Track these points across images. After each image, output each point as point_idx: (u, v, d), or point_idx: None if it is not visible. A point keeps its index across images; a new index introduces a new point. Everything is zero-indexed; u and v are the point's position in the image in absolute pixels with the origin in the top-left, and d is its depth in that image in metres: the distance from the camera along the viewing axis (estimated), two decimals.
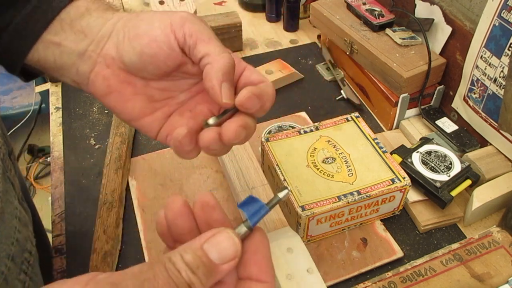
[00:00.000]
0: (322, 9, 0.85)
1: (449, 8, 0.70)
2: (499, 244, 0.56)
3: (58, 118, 0.79)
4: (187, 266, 0.24)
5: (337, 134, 0.64)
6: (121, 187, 0.64)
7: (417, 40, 0.74)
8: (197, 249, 0.25)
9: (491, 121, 0.64)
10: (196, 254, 0.25)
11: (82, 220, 0.62)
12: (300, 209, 0.54)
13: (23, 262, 0.45)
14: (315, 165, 0.60)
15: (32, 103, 1.86)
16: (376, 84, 0.76)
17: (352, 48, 0.79)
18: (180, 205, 0.28)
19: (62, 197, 0.65)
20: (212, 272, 0.25)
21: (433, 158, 0.63)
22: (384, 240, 0.59)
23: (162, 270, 0.24)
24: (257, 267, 0.27)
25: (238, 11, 1.04)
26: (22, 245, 0.45)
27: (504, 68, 0.59)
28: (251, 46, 0.96)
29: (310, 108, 0.81)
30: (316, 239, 0.59)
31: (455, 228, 0.62)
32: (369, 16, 0.79)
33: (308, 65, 0.91)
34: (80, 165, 0.70)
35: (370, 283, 0.52)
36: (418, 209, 0.62)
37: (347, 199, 0.55)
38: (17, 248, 0.44)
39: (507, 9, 0.57)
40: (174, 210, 0.28)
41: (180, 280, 0.24)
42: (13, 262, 0.43)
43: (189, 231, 0.29)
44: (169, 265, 0.24)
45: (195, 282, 0.24)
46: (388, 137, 0.73)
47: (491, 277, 0.53)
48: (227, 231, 0.26)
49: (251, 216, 0.27)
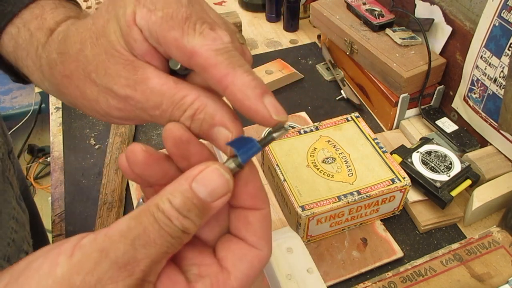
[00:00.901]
0: (322, 9, 0.85)
1: (449, 8, 0.70)
2: (499, 244, 0.56)
3: (58, 118, 0.79)
4: (178, 211, 0.22)
5: (337, 134, 0.64)
6: (121, 187, 0.64)
7: (417, 40, 0.74)
8: (186, 191, 0.23)
9: (491, 121, 0.64)
10: (186, 196, 0.23)
11: (82, 220, 0.62)
12: (300, 209, 0.54)
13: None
14: (315, 165, 0.60)
15: (32, 103, 1.86)
16: (376, 84, 0.76)
17: (352, 48, 0.79)
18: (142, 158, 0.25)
19: (62, 197, 0.65)
20: (204, 212, 0.23)
21: (433, 158, 0.63)
22: (384, 240, 0.59)
23: (152, 222, 0.22)
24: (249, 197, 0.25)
25: (238, 11, 1.04)
26: (19, 246, 0.45)
27: (504, 68, 0.59)
28: (251, 46, 0.96)
29: (310, 108, 0.80)
30: (316, 239, 0.58)
31: (455, 228, 0.62)
32: (369, 16, 0.79)
33: (308, 65, 0.91)
34: (80, 165, 0.70)
35: (370, 283, 0.52)
36: (418, 209, 0.62)
37: (347, 199, 0.55)
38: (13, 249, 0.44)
39: (507, 9, 0.57)
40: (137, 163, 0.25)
41: (172, 228, 0.22)
42: (9, 263, 0.43)
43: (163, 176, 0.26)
44: (158, 214, 0.22)
45: (189, 227, 0.23)
46: (388, 137, 0.73)
47: (491, 277, 0.53)
48: (215, 166, 0.24)
49: (242, 153, 0.25)
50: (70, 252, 0.21)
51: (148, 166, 0.25)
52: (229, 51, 0.25)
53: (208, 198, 0.23)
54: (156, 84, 0.26)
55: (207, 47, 0.25)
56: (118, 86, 0.27)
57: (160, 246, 0.22)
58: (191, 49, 0.25)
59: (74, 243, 0.22)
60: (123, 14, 0.26)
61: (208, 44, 0.25)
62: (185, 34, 0.25)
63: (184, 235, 0.23)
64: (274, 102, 0.25)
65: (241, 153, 0.25)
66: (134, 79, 0.26)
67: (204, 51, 0.25)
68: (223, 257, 0.25)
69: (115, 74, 0.27)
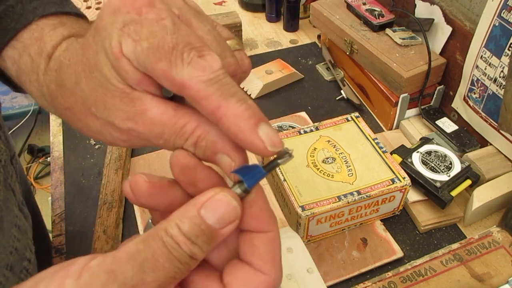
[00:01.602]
0: (322, 9, 0.85)
1: (449, 8, 0.70)
2: (499, 244, 0.56)
3: (58, 118, 0.79)
4: (186, 237, 0.22)
5: (337, 134, 0.64)
6: (121, 187, 0.64)
7: (417, 40, 0.74)
8: (194, 217, 0.23)
9: (491, 121, 0.64)
10: (194, 223, 0.23)
11: (82, 220, 0.62)
12: (300, 209, 0.54)
13: (22, 271, 0.45)
14: (315, 165, 0.60)
15: (32, 103, 1.86)
16: (376, 84, 0.76)
17: (352, 48, 0.79)
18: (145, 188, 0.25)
19: (62, 197, 0.65)
20: (212, 238, 0.23)
21: (433, 158, 0.63)
22: (384, 240, 0.59)
23: (160, 246, 0.22)
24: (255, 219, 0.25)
25: (238, 11, 1.04)
26: (21, 254, 0.45)
27: (504, 68, 0.59)
28: (251, 46, 0.96)
29: (310, 108, 0.81)
30: (316, 239, 0.59)
31: (455, 228, 0.62)
32: (369, 16, 0.79)
33: (308, 65, 0.91)
34: (80, 165, 0.70)
35: (370, 283, 0.52)
36: (418, 209, 0.62)
37: (347, 199, 0.55)
38: (16, 257, 0.43)
39: (507, 9, 0.57)
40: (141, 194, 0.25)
41: (181, 253, 0.22)
42: (12, 272, 0.42)
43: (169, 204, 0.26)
44: (167, 239, 0.22)
45: (196, 253, 0.23)
46: (388, 137, 0.73)
47: (491, 277, 0.53)
48: (224, 193, 0.24)
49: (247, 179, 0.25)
50: (77, 275, 0.21)
51: (153, 196, 0.25)
52: (219, 80, 0.24)
53: (216, 225, 0.23)
54: (155, 114, 0.26)
55: (196, 79, 0.24)
56: (118, 120, 0.26)
57: (168, 271, 0.22)
58: (180, 82, 0.24)
59: (82, 265, 0.22)
60: (109, 46, 0.25)
61: (198, 76, 0.24)
62: (173, 65, 0.24)
63: (192, 260, 0.23)
64: (269, 132, 0.24)
65: (247, 179, 0.25)
66: (133, 111, 0.26)
67: (193, 84, 0.24)
68: (228, 283, 0.25)
69: (114, 108, 0.26)
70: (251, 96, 0.83)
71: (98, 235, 0.57)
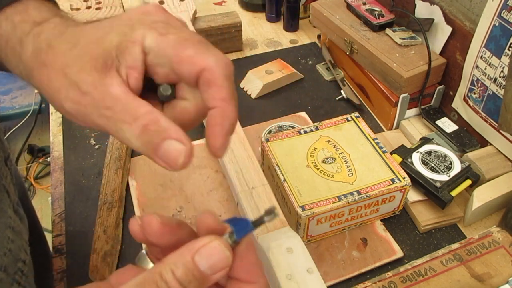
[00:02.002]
0: (322, 9, 0.85)
1: (449, 8, 0.70)
2: (499, 244, 0.56)
3: (58, 118, 0.79)
4: (179, 282, 0.24)
5: (337, 134, 0.64)
6: (121, 187, 0.64)
7: (417, 40, 0.74)
8: (188, 263, 0.25)
9: (491, 121, 0.64)
10: (188, 268, 0.25)
11: (82, 220, 0.62)
12: (300, 209, 0.54)
13: (16, 273, 0.45)
14: (315, 165, 0.60)
15: (32, 103, 1.86)
16: (376, 84, 0.76)
17: (352, 48, 0.79)
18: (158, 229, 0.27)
19: (62, 197, 0.65)
20: (203, 283, 0.25)
21: (433, 158, 0.63)
22: (384, 240, 0.59)
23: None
24: (244, 271, 0.27)
25: (238, 11, 1.04)
26: (15, 255, 0.45)
27: (504, 68, 0.59)
28: (251, 46, 0.96)
29: (310, 108, 0.81)
30: (316, 239, 0.59)
31: (455, 228, 0.62)
32: (369, 16, 0.79)
33: (308, 65, 0.91)
34: (80, 165, 0.70)
35: (370, 283, 0.52)
36: (418, 209, 0.62)
37: (347, 199, 0.55)
38: (10, 258, 0.44)
39: (507, 9, 0.57)
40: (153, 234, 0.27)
41: None
42: (6, 273, 0.43)
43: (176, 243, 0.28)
44: (162, 284, 0.24)
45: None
46: (388, 137, 0.73)
47: (491, 277, 0.53)
48: (218, 242, 0.26)
49: (237, 231, 0.27)
50: None
51: (163, 235, 0.28)
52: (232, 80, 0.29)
53: (208, 271, 0.25)
54: (115, 91, 0.29)
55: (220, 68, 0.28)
56: (83, 82, 0.29)
57: None
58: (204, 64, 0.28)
59: None
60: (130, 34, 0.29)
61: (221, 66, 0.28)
62: (199, 52, 0.29)
63: None
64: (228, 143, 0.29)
65: (237, 231, 0.27)
66: (100, 81, 0.29)
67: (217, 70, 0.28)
68: None
69: (87, 73, 0.29)
70: (251, 96, 0.83)
71: (98, 235, 0.57)
